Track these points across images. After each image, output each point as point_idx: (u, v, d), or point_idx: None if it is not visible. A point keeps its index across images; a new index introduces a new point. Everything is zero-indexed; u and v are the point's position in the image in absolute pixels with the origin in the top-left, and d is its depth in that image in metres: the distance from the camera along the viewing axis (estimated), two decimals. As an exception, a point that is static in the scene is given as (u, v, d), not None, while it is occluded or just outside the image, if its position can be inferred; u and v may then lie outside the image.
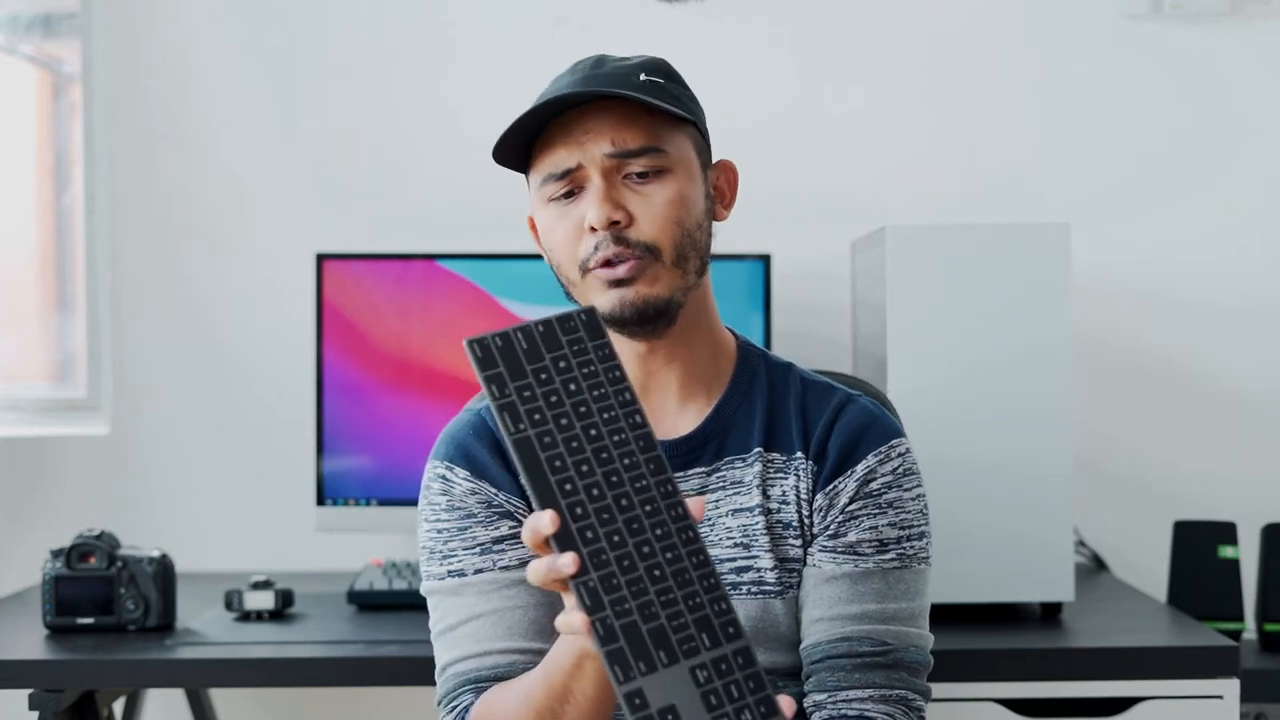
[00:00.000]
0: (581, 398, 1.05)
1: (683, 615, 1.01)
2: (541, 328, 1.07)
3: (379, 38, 2.48)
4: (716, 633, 1.01)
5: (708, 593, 1.02)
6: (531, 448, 1.02)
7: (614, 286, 1.33)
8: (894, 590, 1.35)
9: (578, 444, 1.03)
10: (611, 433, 1.04)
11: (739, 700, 1.00)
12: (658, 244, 1.34)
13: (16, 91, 2.56)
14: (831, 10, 2.46)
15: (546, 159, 1.36)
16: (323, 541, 2.37)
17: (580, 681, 1.19)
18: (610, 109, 1.33)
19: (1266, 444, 2.43)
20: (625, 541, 1.02)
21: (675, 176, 1.35)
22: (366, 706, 2.43)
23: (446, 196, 2.45)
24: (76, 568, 1.94)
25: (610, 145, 1.33)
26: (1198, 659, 1.80)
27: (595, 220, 1.32)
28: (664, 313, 1.35)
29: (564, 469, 1.02)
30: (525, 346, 1.06)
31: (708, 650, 1.00)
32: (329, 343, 2.24)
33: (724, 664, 1.00)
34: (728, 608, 1.02)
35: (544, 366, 1.05)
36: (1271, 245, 2.44)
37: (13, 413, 2.40)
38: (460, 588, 1.36)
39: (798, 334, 2.37)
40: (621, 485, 1.03)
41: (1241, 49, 2.44)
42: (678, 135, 1.37)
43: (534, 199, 1.40)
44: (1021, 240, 1.92)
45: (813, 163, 2.46)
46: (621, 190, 1.34)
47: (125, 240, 2.46)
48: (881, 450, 1.38)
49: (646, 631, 1.00)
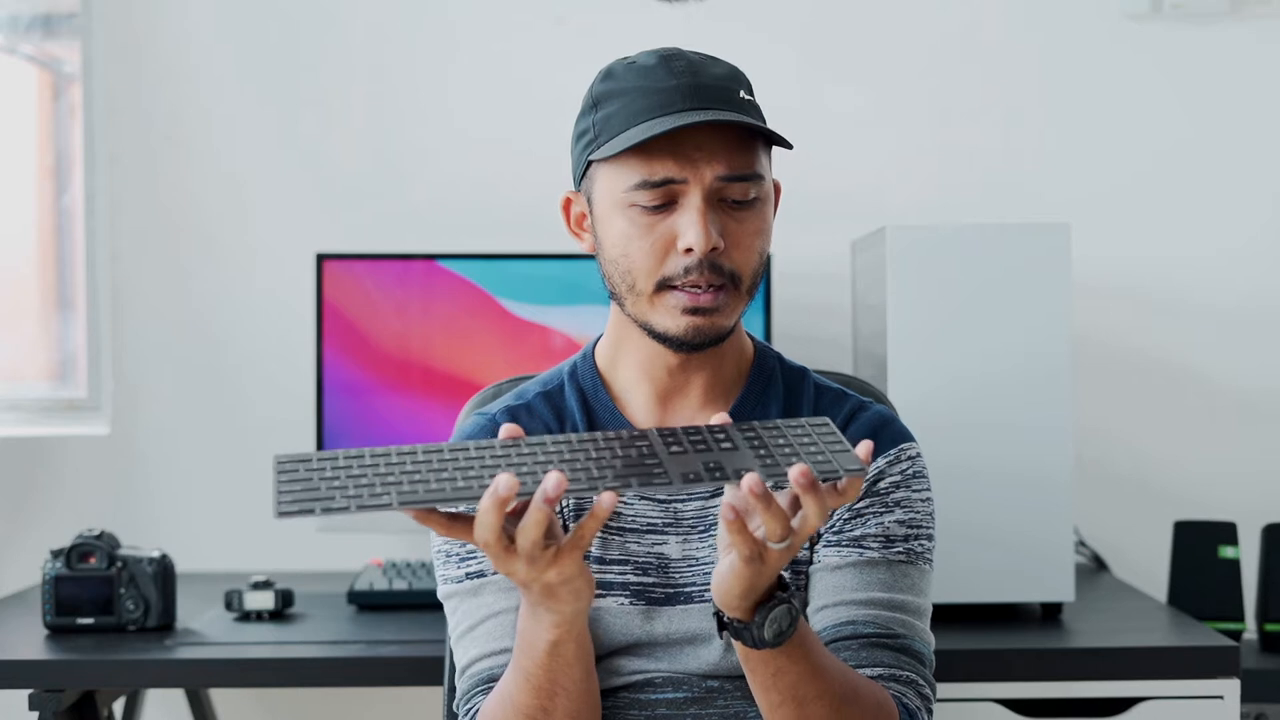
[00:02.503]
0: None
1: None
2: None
3: (379, 38, 2.48)
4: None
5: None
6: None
7: (690, 314, 1.32)
8: (900, 583, 1.35)
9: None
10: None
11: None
12: (742, 273, 1.33)
13: (16, 91, 2.56)
14: (832, 10, 2.46)
15: (644, 164, 1.30)
16: (323, 541, 2.37)
17: (564, 670, 1.19)
18: (724, 130, 1.31)
19: (1266, 444, 2.43)
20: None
21: (763, 206, 1.35)
22: (366, 706, 2.43)
23: (446, 196, 2.45)
24: (76, 568, 1.94)
25: (724, 169, 1.30)
26: (1198, 659, 1.80)
27: (698, 245, 1.29)
28: (723, 339, 1.36)
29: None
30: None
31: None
32: (329, 343, 2.24)
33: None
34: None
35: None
36: (1271, 245, 2.44)
37: (13, 413, 2.40)
38: (479, 588, 1.35)
39: (798, 334, 2.37)
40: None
41: (1241, 49, 2.44)
42: (766, 160, 1.37)
43: (605, 193, 1.34)
44: (1021, 240, 1.92)
45: (813, 163, 2.44)
46: (719, 214, 1.32)
47: (125, 240, 2.46)
48: (892, 453, 1.39)
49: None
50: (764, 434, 1.15)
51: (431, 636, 1.88)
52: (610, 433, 1.15)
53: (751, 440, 1.14)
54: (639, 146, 1.29)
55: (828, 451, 1.13)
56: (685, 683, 1.35)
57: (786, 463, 1.10)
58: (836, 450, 1.13)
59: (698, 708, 1.34)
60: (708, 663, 1.35)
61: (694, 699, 1.35)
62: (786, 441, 1.14)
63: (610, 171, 1.33)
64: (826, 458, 1.12)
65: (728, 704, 1.34)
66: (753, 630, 1.17)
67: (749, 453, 1.12)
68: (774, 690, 1.22)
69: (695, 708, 1.34)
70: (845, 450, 1.13)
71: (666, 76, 1.32)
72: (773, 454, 1.12)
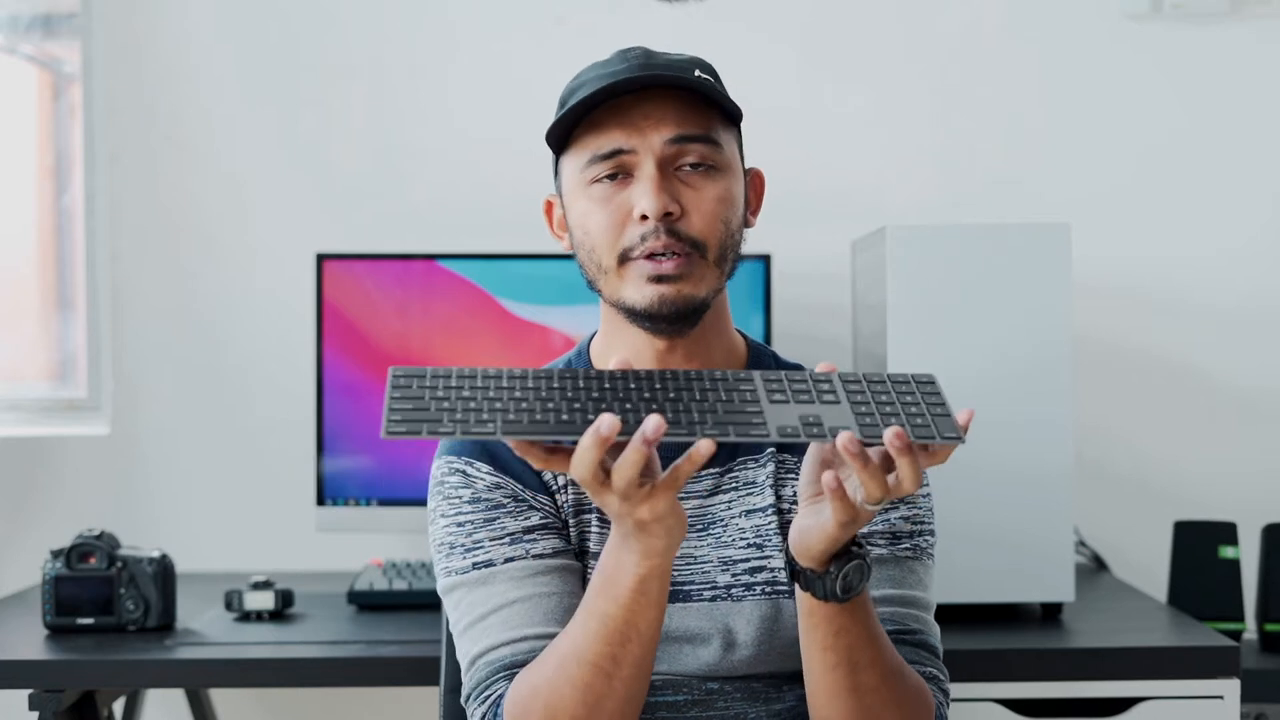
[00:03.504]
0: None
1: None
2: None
3: (379, 38, 2.48)
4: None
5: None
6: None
7: (656, 282, 1.32)
8: (909, 579, 1.36)
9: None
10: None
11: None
12: (705, 240, 1.32)
13: (16, 91, 2.56)
14: (832, 10, 2.46)
15: (593, 139, 1.32)
16: (323, 541, 2.37)
17: (644, 610, 1.18)
18: (670, 99, 1.32)
19: (1266, 444, 2.44)
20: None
21: (725, 175, 1.34)
22: (366, 706, 2.43)
23: (446, 196, 2.45)
24: (76, 568, 1.94)
25: (672, 130, 1.31)
26: (1198, 659, 1.80)
27: (650, 209, 1.30)
28: (697, 312, 1.34)
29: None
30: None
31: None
32: (329, 343, 2.24)
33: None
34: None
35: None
36: (1271, 245, 2.44)
37: (13, 413, 2.41)
38: (489, 577, 1.32)
39: (798, 334, 2.37)
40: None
41: (1241, 49, 2.44)
42: (728, 135, 1.36)
43: (569, 181, 1.36)
44: (1021, 240, 1.92)
45: (813, 163, 2.46)
46: (674, 182, 1.32)
47: (125, 240, 2.46)
48: None
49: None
50: (869, 388, 1.15)
51: (431, 636, 1.88)
52: (716, 372, 1.15)
53: (855, 394, 1.14)
54: (591, 126, 1.32)
55: (929, 414, 1.13)
56: (685, 685, 1.34)
57: (885, 423, 1.11)
58: (938, 414, 1.13)
59: (699, 710, 1.34)
60: (706, 663, 1.34)
61: (694, 701, 1.34)
62: (890, 399, 1.14)
63: (570, 160, 1.36)
64: (926, 420, 1.12)
65: (728, 705, 1.34)
66: (825, 581, 1.19)
67: (849, 408, 1.12)
68: (832, 651, 1.23)
69: (696, 710, 1.34)
70: (946, 415, 1.13)
71: (619, 62, 1.35)
72: (874, 410, 1.12)
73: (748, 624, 1.34)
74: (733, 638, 1.34)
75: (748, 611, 1.34)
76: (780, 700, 1.36)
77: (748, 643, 1.34)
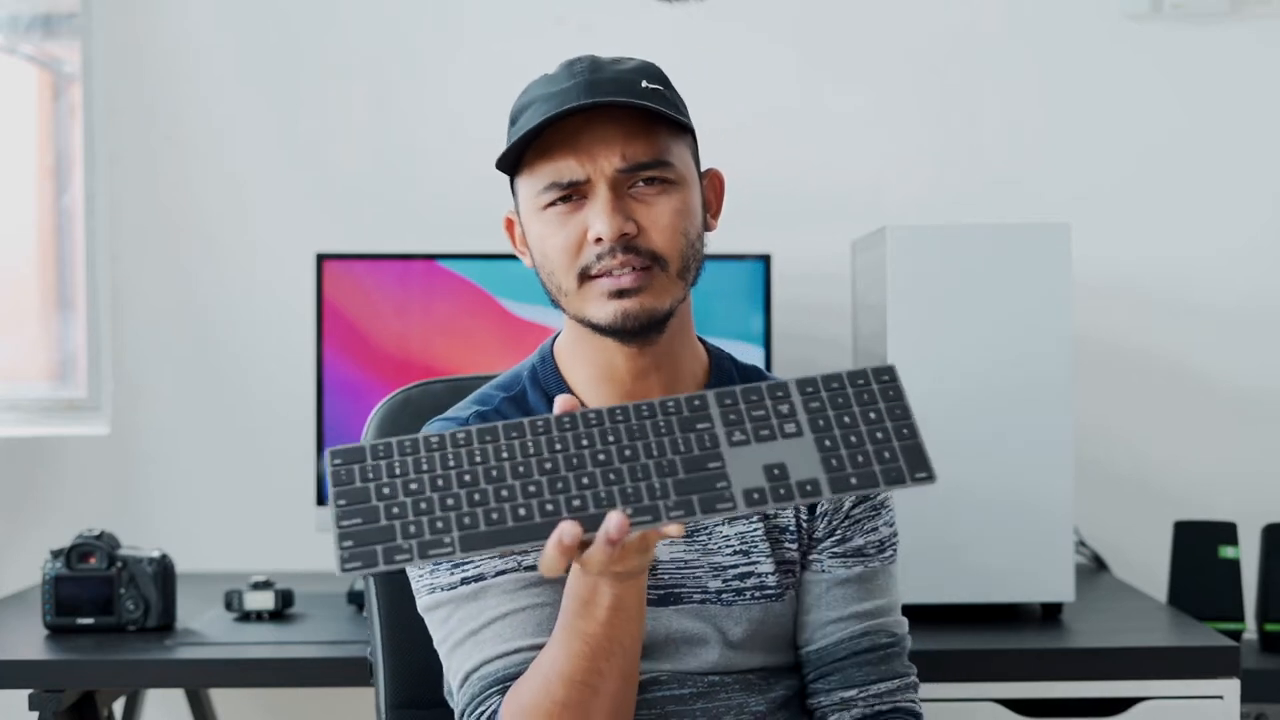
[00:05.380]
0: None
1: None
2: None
3: (379, 38, 2.48)
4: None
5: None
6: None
7: (616, 297, 1.31)
8: (889, 585, 1.41)
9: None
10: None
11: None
12: (665, 255, 1.32)
13: (16, 91, 2.56)
14: (832, 10, 2.46)
15: (547, 166, 1.32)
16: (323, 541, 2.36)
17: (624, 625, 1.18)
18: (618, 118, 1.31)
19: (1266, 444, 2.43)
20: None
21: (680, 188, 1.34)
22: (366, 706, 2.42)
23: (446, 196, 2.45)
24: (76, 568, 1.94)
25: (620, 160, 1.30)
26: (1198, 659, 1.80)
27: (605, 233, 1.30)
28: (661, 322, 1.34)
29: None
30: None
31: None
32: (329, 343, 2.24)
33: None
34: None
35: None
36: (1271, 245, 2.44)
37: (13, 413, 2.41)
38: (479, 592, 1.32)
39: (798, 334, 2.37)
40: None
41: (1241, 49, 2.44)
42: (680, 145, 1.36)
43: (524, 204, 1.37)
44: (1021, 240, 1.92)
45: (813, 163, 2.46)
46: (628, 201, 1.32)
47: (125, 240, 2.46)
48: None
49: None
50: (829, 399, 1.08)
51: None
52: (669, 402, 1.09)
53: (815, 414, 1.07)
54: (541, 152, 1.32)
55: (896, 442, 1.05)
56: (689, 680, 1.36)
57: (852, 460, 1.04)
58: (906, 442, 1.05)
59: (704, 701, 1.36)
60: (708, 662, 1.36)
61: (699, 694, 1.36)
62: (852, 419, 1.06)
63: (526, 184, 1.35)
64: (894, 454, 1.04)
65: (729, 696, 1.37)
66: None
67: (811, 442, 1.06)
68: None
69: (701, 702, 1.36)
70: (914, 443, 1.05)
71: (566, 78, 1.34)
72: (839, 444, 1.05)
73: (736, 625, 1.37)
74: (727, 638, 1.37)
75: (737, 614, 1.37)
76: (772, 690, 1.39)
77: (741, 642, 1.37)
